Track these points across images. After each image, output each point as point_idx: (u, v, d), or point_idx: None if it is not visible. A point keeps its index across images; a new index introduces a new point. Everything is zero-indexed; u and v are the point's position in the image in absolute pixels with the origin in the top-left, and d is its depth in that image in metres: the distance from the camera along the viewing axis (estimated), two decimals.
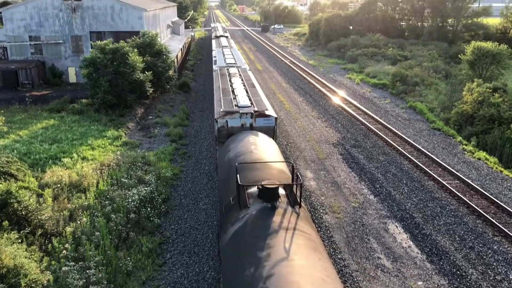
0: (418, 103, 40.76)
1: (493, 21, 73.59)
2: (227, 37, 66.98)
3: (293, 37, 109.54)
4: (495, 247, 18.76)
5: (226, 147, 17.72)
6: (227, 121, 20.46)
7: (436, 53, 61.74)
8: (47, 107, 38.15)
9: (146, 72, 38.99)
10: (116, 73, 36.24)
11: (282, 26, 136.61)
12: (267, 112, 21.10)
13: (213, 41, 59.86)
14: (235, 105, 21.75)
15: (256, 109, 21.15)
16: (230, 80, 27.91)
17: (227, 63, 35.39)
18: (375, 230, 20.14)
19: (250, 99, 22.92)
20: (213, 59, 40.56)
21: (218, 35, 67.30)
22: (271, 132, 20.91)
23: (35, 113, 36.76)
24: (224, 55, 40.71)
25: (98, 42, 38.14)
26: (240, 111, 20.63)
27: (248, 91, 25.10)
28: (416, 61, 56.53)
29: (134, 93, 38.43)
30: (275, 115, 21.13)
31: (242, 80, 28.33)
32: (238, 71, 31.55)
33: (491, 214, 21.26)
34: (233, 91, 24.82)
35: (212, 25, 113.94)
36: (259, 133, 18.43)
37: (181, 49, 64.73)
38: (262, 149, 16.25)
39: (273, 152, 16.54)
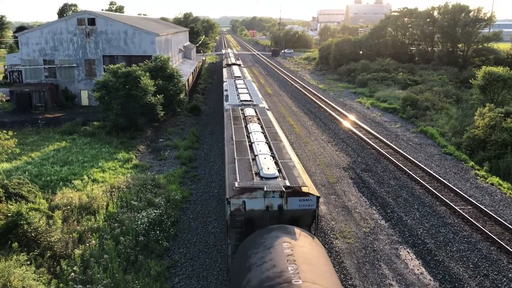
0: (429, 128, 40.55)
1: (503, 46, 73.72)
2: (239, 65, 62.37)
3: (303, 62, 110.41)
4: (510, 274, 18.31)
5: (244, 259, 11.96)
6: (244, 201, 14.48)
7: (447, 77, 61.73)
8: (59, 129, 38.60)
9: (158, 96, 39.39)
10: (128, 96, 36.66)
11: (292, 50, 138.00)
12: (304, 189, 15.05)
13: (224, 70, 54.42)
14: (256, 174, 16.18)
15: (287, 183, 15.13)
16: (246, 127, 23.02)
17: (241, 101, 31.03)
18: (386, 256, 19.80)
19: (276, 163, 17.23)
20: (224, 93, 36.10)
21: (230, 63, 62.97)
22: (309, 217, 15.13)
23: (47, 135, 37.18)
24: (237, 89, 36.51)
25: (111, 66, 38.74)
26: (265, 188, 14.54)
27: (272, 146, 19.54)
28: (426, 85, 56.52)
29: (145, 116, 38.76)
30: (316, 193, 15.15)
31: (262, 127, 23.26)
32: (256, 112, 27.00)
33: (506, 241, 20.82)
34: (251, 146, 19.62)
35: (223, 51, 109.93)
36: (297, 231, 12.82)
37: (192, 73, 65.45)
38: (308, 270, 10.42)
39: (324, 273, 10.60)
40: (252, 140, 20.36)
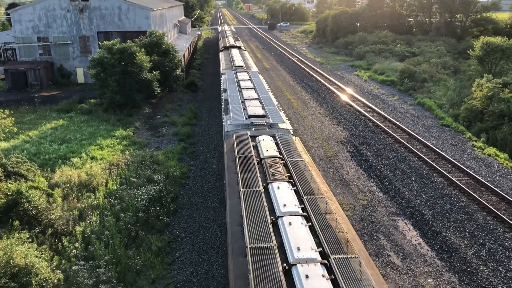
0: (427, 100, 40.49)
1: (502, 16, 72.85)
2: (240, 47, 48.87)
3: (300, 35, 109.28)
4: (506, 243, 18.60)
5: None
6: None
7: (445, 49, 61.27)
8: (56, 107, 38.43)
9: (154, 72, 39.10)
10: (123, 73, 36.38)
11: (288, 23, 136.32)
12: None
13: (221, 56, 42.38)
14: None
15: None
16: (267, 192, 12.79)
17: (249, 116, 19.95)
18: (384, 227, 20.04)
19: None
20: (223, 97, 25.41)
21: (228, 45, 49.47)
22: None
23: (44, 113, 37.03)
24: (241, 91, 25.09)
25: (106, 42, 38.32)
26: None
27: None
28: (424, 57, 56.15)
29: (141, 92, 38.56)
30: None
31: (293, 184, 13.17)
32: (278, 144, 16.42)
33: (502, 211, 21.07)
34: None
35: (219, 28, 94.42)
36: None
37: (188, 48, 64.78)
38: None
39: None
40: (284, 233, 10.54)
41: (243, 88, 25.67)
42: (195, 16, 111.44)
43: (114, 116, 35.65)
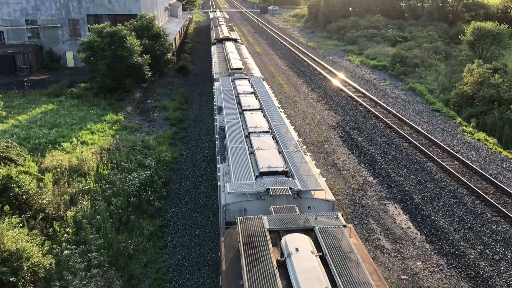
0: (418, 85, 40.61)
1: (493, 1, 72.86)
2: (236, 40, 43.03)
3: (292, 19, 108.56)
4: (493, 227, 18.89)
5: None
6: None
7: (436, 34, 61.24)
8: (45, 91, 38.00)
9: (144, 56, 38.74)
10: (114, 57, 35.99)
11: (277, 7, 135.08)
12: None
13: (214, 51, 37.15)
14: None
15: None
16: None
17: (262, 177, 13.64)
18: (374, 211, 20.25)
19: None
20: (216, 124, 19.66)
21: (222, 37, 43.74)
22: None
23: (33, 97, 36.63)
24: (243, 114, 19.45)
25: (96, 26, 37.81)
26: None
27: None
28: (416, 42, 56.12)
29: (132, 77, 38.24)
30: None
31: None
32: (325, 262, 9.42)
33: (490, 195, 21.35)
34: None
35: (211, 14, 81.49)
36: None
37: (179, 32, 64.18)
38: None
39: None
40: None
41: (245, 110, 19.60)
42: (186, 0, 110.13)
43: (105, 101, 35.36)
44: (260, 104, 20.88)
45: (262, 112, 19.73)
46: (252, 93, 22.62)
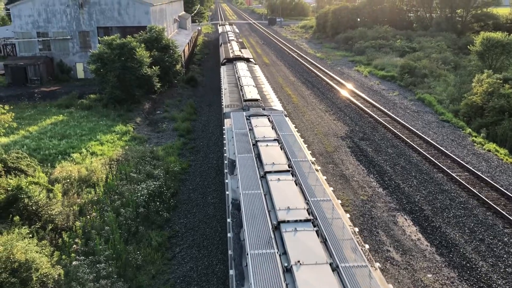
0: (427, 95, 40.44)
1: (503, 11, 72.66)
2: (248, 59, 37.12)
3: (300, 30, 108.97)
4: (505, 239, 18.63)
5: None
6: None
7: (445, 44, 61.10)
8: (56, 103, 38.40)
9: (154, 67, 39.04)
10: (123, 68, 36.34)
11: (282, 19, 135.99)
12: None
13: (223, 74, 31.57)
14: None
15: None
16: None
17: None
18: (384, 223, 20.07)
19: None
20: (228, 194, 13.78)
21: (232, 55, 37.92)
22: None
23: (44, 109, 37.01)
24: (265, 178, 13.64)
25: (105, 38, 38.24)
26: None
27: None
28: (424, 52, 56.01)
29: (141, 88, 38.52)
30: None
31: None
32: None
33: (502, 206, 21.10)
34: None
35: (220, 28, 74.58)
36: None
37: (188, 44, 64.68)
38: None
39: None
40: None
41: (269, 172, 13.72)
42: (195, 11, 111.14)
43: (114, 112, 35.63)
44: (287, 159, 14.86)
45: (293, 176, 13.52)
46: (275, 139, 16.67)
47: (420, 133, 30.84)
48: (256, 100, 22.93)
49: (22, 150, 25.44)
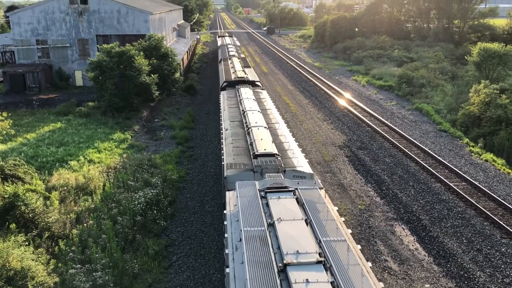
0: (425, 105, 40.59)
1: (499, 22, 73.20)
2: (255, 84, 31.23)
3: (298, 39, 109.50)
4: (503, 249, 18.62)
5: None
6: None
7: (442, 54, 61.45)
8: (54, 110, 38.39)
9: (152, 75, 39.13)
10: (122, 76, 36.40)
11: (278, 31, 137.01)
12: None
13: (224, 105, 25.57)
14: None
15: None
16: None
17: None
18: (381, 232, 20.05)
19: None
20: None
21: (234, 77, 32.10)
22: None
23: (42, 116, 36.99)
24: None
25: (104, 46, 38.33)
26: None
27: None
28: (422, 62, 56.31)
29: (140, 96, 38.56)
30: None
31: None
32: None
33: (499, 216, 21.11)
34: None
35: (219, 41, 67.28)
36: None
37: (187, 52, 64.88)
38: None
39: None
40: None
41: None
42: (194, 20, 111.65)
43: (112, 119, 35.63)
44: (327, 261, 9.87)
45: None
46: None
47: (417, 143, 30.91)
48: (272, 155, 16.67)
49: (19, 157, 25.38)
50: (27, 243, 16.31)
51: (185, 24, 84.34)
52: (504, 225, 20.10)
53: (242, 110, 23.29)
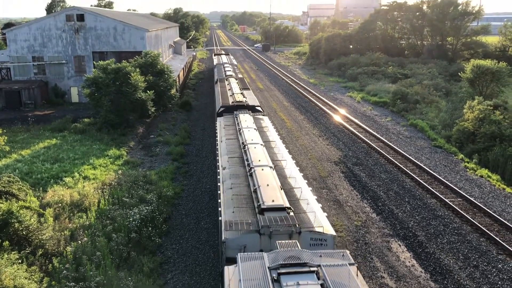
0: (419, 121, 40.82)
1: (492, 40, 74.22)
2: (255, 108, 28.61)
3: (293, 56, 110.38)
4: (499, 265, 18.56)
5: None
6: None
7: (436, 71, 62.09)
8: (49, 126, 38.33)
9: (148, 91, 39.23)
10: (118, 93, 36.48)
11: (260, 45, 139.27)
12: None
13: (220, 138, 22.59)
14: None
15: None
16: None
17: None
18: (378, 248, 19.97)
19: None
20: None
21: (231, 102, 29.00)
22: None
23: (37, 132, 36.90)
24: None
25: (101, 62, 38.49)
26: None
27: None
28: (416, 79, 56.80)
29: (136, 112, 38.61)
30: None
31: None
32: None
33: (495, 232, 21.09)
34: None
35: (215, 59, 62.80)
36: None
37: (183, 69, 65.21)
38: None
39: None
40: None
41: None
42: (190, 37, 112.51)
43: (108, 136, 35.59)
44: None
45: None
46: None
47: (413, 159, 30.99)
48: (283, 209, 13.72)
49: (14, 174, 25.24)
50: (20, 261, 16.11)
51: (181, 41, 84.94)
52: (500, 241, 20.07)
53: (242, 143, 20.35)
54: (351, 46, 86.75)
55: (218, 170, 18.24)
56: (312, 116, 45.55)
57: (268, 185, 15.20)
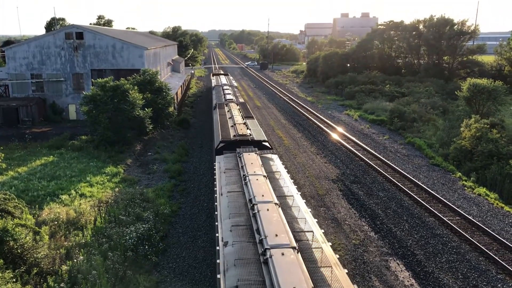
0: (417, 139, 40.91)
1: (487, 59, 75.01)
2: (263, 146, 23.23)
3: (291, 75, 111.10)
4: (499, 285, 18.40)
5: None
6: None
7: (433, 89, 62.53)
8: (46, 143, 38.23)
9: (146, 109, 39.29)
10: (116, 110, 36.51)
11: (256, 63, 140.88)
12: None
13: (219, 191, 16.70)
14: None
15: None
16: None
17: None
18: (376, 267, 19.79)
19: None
20: None
21: (233, 135, 24.19)
22: None
23: (34, 149, 36.79)
24: None
25: (99, 80, 38.61)
26: None
27: None
28: (413, 97, 57.16)
29: (133, 129, 38.61)
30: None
31: None
32: None
33: (494, 251, 20.95)
34: None
35: (213, 80, 59.75)
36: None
37: (181, 86, 65.46)
38: None
39: None
40: None
41: None
42: (189, 55, 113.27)
43: (105, 153, 35.50)
44: None
45: None
46: None
47: (411, 177, 30.95)
48: None
49: (10, 191, 25.07)
50: (14, 279, 15.90)
51: (180, 59, 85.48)
52: (499, 260, 19.93)
53: (250, 200, 14.72)
54: (348, 65, 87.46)
55: (217, 247, 12.57)
56: (309, 134, 45.62)
57: (289, 271, 10.03)
